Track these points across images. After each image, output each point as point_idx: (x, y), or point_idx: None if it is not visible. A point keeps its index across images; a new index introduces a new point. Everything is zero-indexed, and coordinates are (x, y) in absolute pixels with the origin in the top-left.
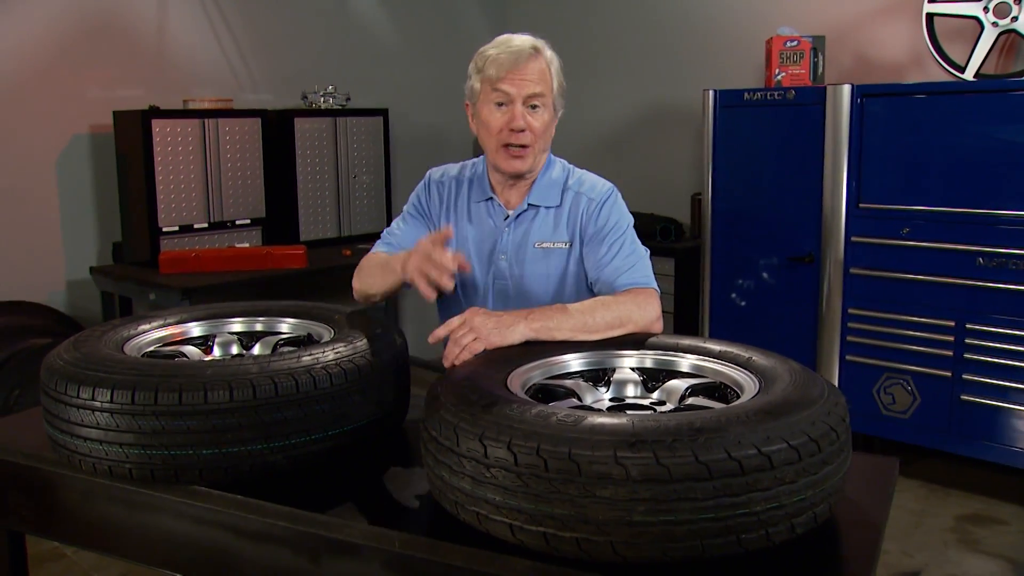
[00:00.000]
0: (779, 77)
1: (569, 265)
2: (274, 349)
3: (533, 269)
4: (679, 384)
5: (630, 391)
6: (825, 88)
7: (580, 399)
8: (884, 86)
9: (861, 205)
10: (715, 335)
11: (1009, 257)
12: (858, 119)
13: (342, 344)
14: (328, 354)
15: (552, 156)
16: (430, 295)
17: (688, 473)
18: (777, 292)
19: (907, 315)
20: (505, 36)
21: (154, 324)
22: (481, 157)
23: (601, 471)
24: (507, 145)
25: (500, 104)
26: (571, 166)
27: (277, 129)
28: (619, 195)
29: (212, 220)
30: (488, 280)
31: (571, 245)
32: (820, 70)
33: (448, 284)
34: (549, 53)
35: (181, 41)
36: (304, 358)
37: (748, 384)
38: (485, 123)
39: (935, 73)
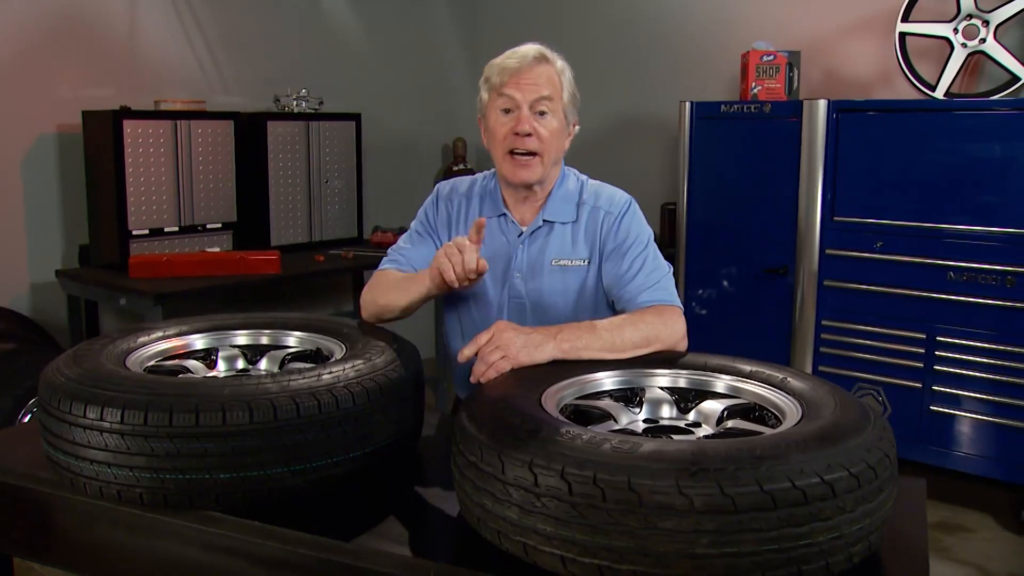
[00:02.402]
0: (755, 91)
1: (588, 282)
2: (281, 364)
3: (551, 287)
4: (714, 405)
5: (665, 412)
6: (801, 102)
7: (616, 421)
8: (859, 102)
9: (835, 218)
10: (689, 346)
11: (978, 272)
12: (833, 134)
13: (361, 361)
14: (349, 372)
15: (565, 168)
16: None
17: (753, 503)
18: (751, 303)
19: (879, 327)
20: (515, 48)
21: (154, 336)
22: (493, 171)
23: (663, 501)
24: (513, 153)
25: (507, 111)
26: (585, 177)
27: (249, 132)
28: (637, 207)
29: (183, 224)
30: (503, 298)
31: (590, 262)
32: (795, 84)
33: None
34: (560, 63)
35: (152, 41)
36: (324, 376)
37: (788, 407)
38: (492, 131)
39: (902, 90)
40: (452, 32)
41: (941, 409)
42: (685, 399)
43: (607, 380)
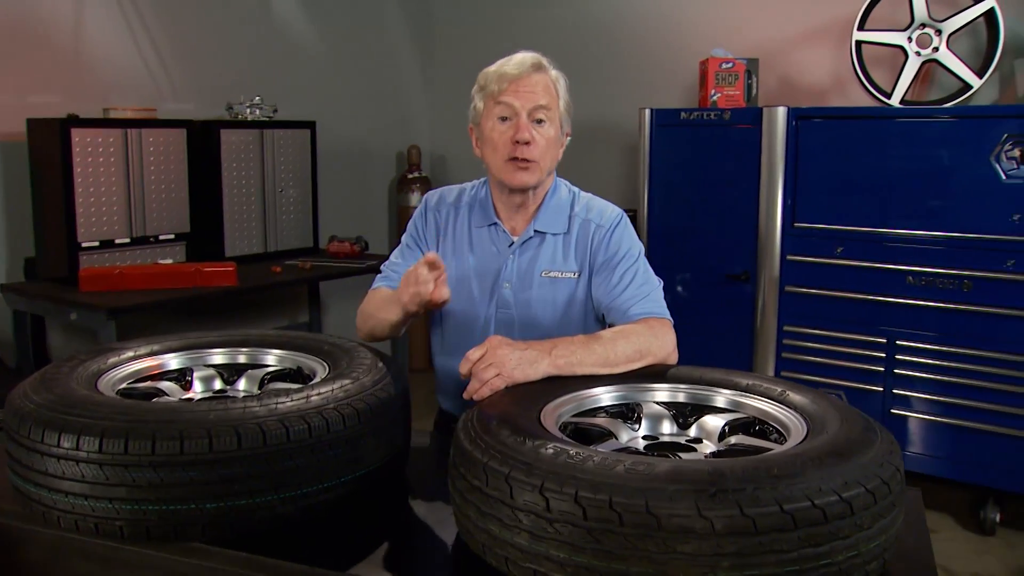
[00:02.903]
0: (714, 98)
1: (577, 294)
2: (261, 384)
3: (540, 298)
4: (715, 421)
5: (664, 428)
6: (761, 109)
7: (617, 438)
8: (819, 109)
9: (796, 224)
10: None
11: (935, 276)
12: (793, 141)
13: (349, 381)
14: (338, 393)
15: (557, 179)
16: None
17: (773, 524)
18: (713, 309)
19: (840, 332)
20: (509, 56)
21: (124, 357)
22: (483, 180)
23: (683, 524)
24: (513, 159)
25: (504, 119)
26: (576, 188)
27: (202, 140)
28: (628, 221)
29: (134, 235)
30: (491, 309)
31: (580, 274)
32: (754, 92)
33: (441, 294)
34: (555, 72)
35: (99, 46)
36: (313, 398)
37: (791, 421)
38: (489, 139)
39: (856, 98)
40: (406, 39)
41: (901, 412)
42: (683, 414)
43: (604, 396)
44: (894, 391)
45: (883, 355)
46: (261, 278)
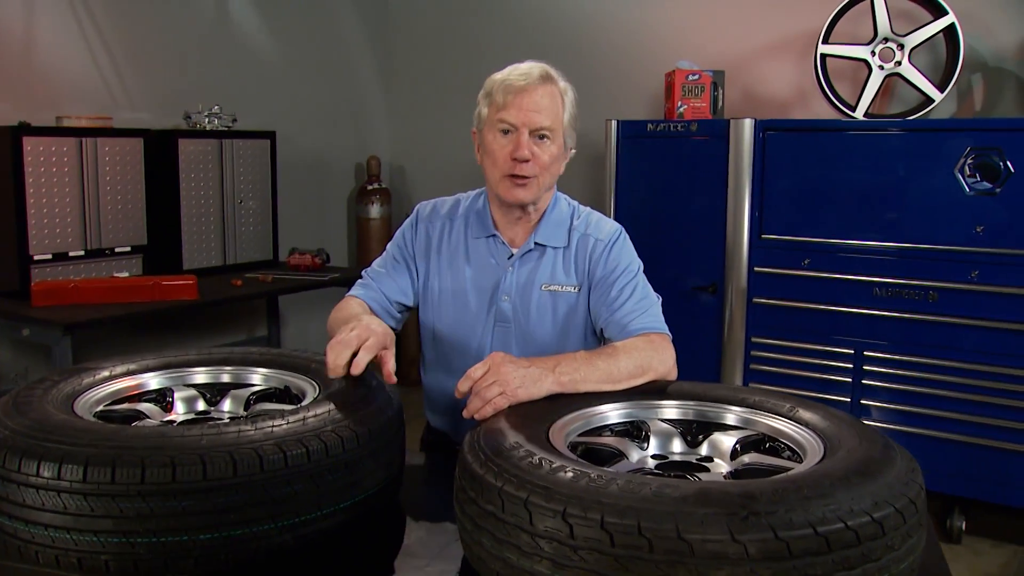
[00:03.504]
0: (681, 109)
1: (577, 308)
2: (247, 405)
3: (539, 312)
4: (725, 439)
5: (674, 446)
6: (728, 121)
7: (628, 457)
8: (785, 121)
9: (763, 236)
10: None
11: (902, 287)
12: (760, 153)
13: (343, 401)
14: (335, 414)
15: (558, 193)
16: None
17: (808, 548)
18: (681, 321)
19: (808, 343)
20: (517, 64)
21: (100, 378)
22: (480, 191)
23: (716, 550)
24: (511, 176)
25: (506, 132)
26: (576, 203)
27: (159, 150)
28: (627, 236)
29: (89, 247)
30: (488, 322)
31: (580, 289)
32: (720, 104)
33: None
34: (563, 83)
35: (51, 53)
36: (310, 420)
37: (805, 439)
38: (489, 151)
39: (819, 110)
40: (365, 50)
41: (868, 422)
42: (691, 432)
43: (611, 414)
44: (861, 401)
45: (850, 366)
46: (221, 291)
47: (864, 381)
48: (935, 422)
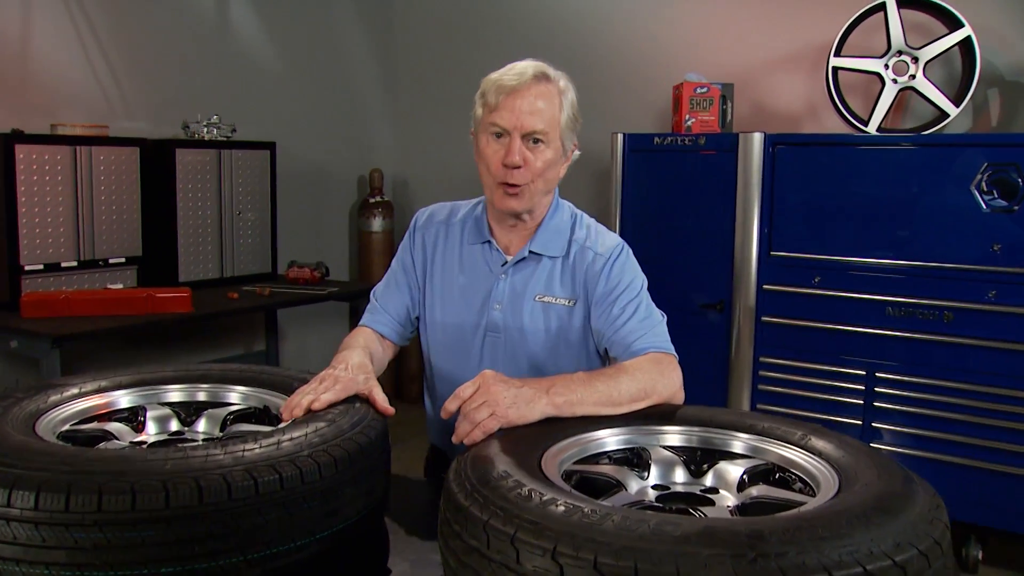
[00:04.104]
0: (689, 123)
1: (571, 323)
2: (223, 425)
3: (531, 324)
4: (731, 468)
5: (676, 476)
6: (737, 135)
7: (626, 488)
8: (796, 135)
9: (773, 253)
10: None
11: (916, 307)
12: (770, 167)
13: (324, 423)
14: (313, 438)
15: (560, 200)
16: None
17: None
18: (687, 339)
19: (818, 363)
20: (515, 62)
21: (68, 395)
22: (480, 199)
23: None
24: (503, 183)
25: (499, 136)
26: (580, 212)
27: (156, 160)
28: (629, 251)
29: (82, 258)
30: (479, 332)
31: (575, 303)
32: (728, 117)
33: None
34: (563, 83)
35: (48, 60)
36: (285, 444)
37: (817, 470)
38: (483, 156)
39: (830, 124)
40: (369, 61)
41: (879, 446)
42: (695, 460)
43: (608, 440)
44: (873, 424)
45: (862, 387)
46: (217, 304)
47: (876, 404)
48: (950, 447)
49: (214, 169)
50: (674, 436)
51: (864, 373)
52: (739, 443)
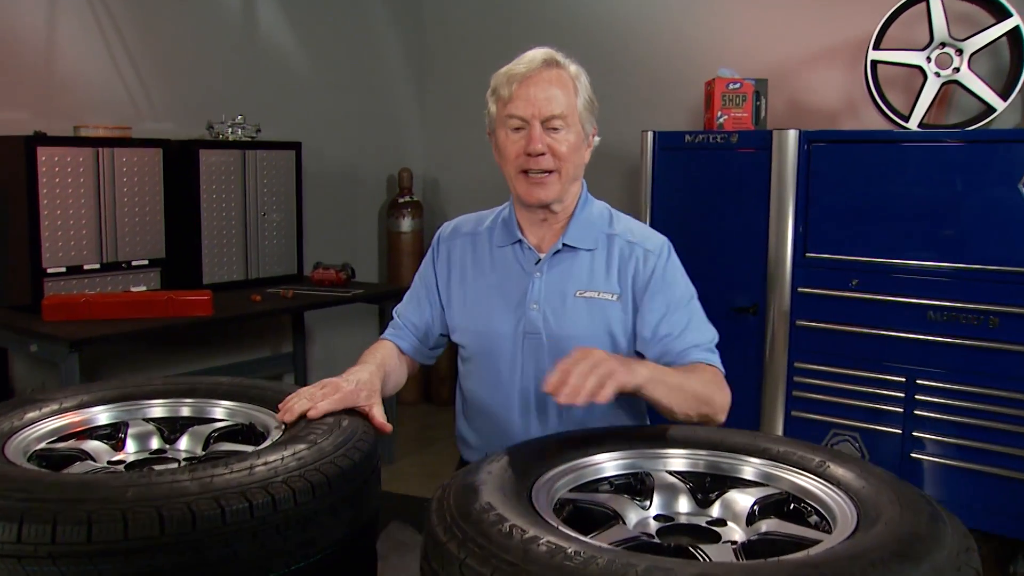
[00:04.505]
0: (721, 120)
1: (618, 319)
2: (206, 444)
3: (574, 320)
4: (741, 498)
5: (681, 505)
6: (770, 132)
7: (624, 520)
8: (832, 132)
9: (808, 255)
10: None
11: (959, 311)
12: (805, 165)
13: (304, 445)
14: (290, 461)
15: (591, 196)
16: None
17: None
18: (720, 344)
19: (855, 369)
20: (523, 54)
21: (46, 411)
22: (508, 202)
23: None
24: (527, 172)
25: (517, 129)
26: (614, 209)
27: (180, 161)
28: (674, 251)
29: (104, 261)
30: (517, 334)
31: (619, 298)
32: (762, 114)
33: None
34: (574, 67)
35: (73, 61)
36: (258, 468)
37: (835, 502)
38: (502, 150)
39: (869, 120)
40: (399, 59)
41: (922, 456)
42: (702, 488)
43: (608, 465)
44: (914, 434)
45: (902, 395)
46: (239, 307)
47: (916, 412)
48: (994, 457)
49: (238, 170)
50: (680, 460)
51: (904, 380)
52: (751, 469)
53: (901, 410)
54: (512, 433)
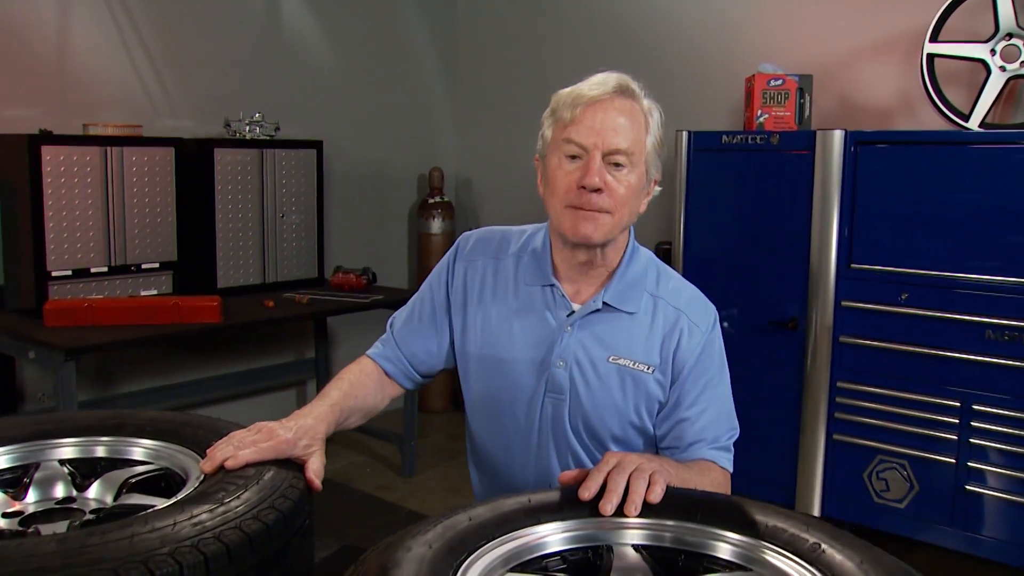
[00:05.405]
0: (761, 119)
1: (651, 394)
2: (118, 493)
3: (603, 389)
4: None
5: None
6: (814, 133)
7: None
8: (882, 133)
9: (853, 266)
10: None
11: (1020, 330)
12: (851, 169)
13: (208, 505)
14: (184, 527)
15: (638, 243)
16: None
17: None
18: (755, 361)
19: (905, 391)
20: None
21: None
22: (542, 226)
23: None
24: (575, 206)
25: (573, 157)
26: (658, 260)
27: (194, 161)
28: (719, 321)
29: (113, 264)
30: (539, 393)
31: (653, 371)
32: (807, 113)
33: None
34: (647, 102)
35: (86, 56)
36: (143, 537)
37: None
38: (551, 179)
39: (926, 120)
40: (430, 54)
41: (976, 488)
42: (671, 569)
43: (557, 537)
44: (968, 464)
45: (956, 421)
46: (250, 314)
47: (972, 440)
48: None
49: (256, 169)
50: (643, 531)
51: (959, 405)
52: (729, 548)
53: (955, 437)
54: (515, 486)
